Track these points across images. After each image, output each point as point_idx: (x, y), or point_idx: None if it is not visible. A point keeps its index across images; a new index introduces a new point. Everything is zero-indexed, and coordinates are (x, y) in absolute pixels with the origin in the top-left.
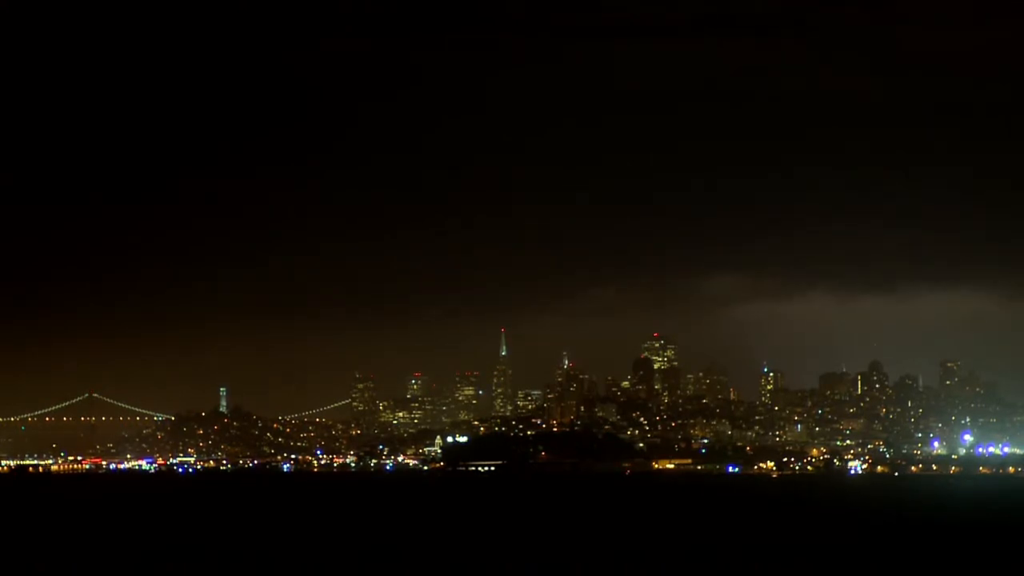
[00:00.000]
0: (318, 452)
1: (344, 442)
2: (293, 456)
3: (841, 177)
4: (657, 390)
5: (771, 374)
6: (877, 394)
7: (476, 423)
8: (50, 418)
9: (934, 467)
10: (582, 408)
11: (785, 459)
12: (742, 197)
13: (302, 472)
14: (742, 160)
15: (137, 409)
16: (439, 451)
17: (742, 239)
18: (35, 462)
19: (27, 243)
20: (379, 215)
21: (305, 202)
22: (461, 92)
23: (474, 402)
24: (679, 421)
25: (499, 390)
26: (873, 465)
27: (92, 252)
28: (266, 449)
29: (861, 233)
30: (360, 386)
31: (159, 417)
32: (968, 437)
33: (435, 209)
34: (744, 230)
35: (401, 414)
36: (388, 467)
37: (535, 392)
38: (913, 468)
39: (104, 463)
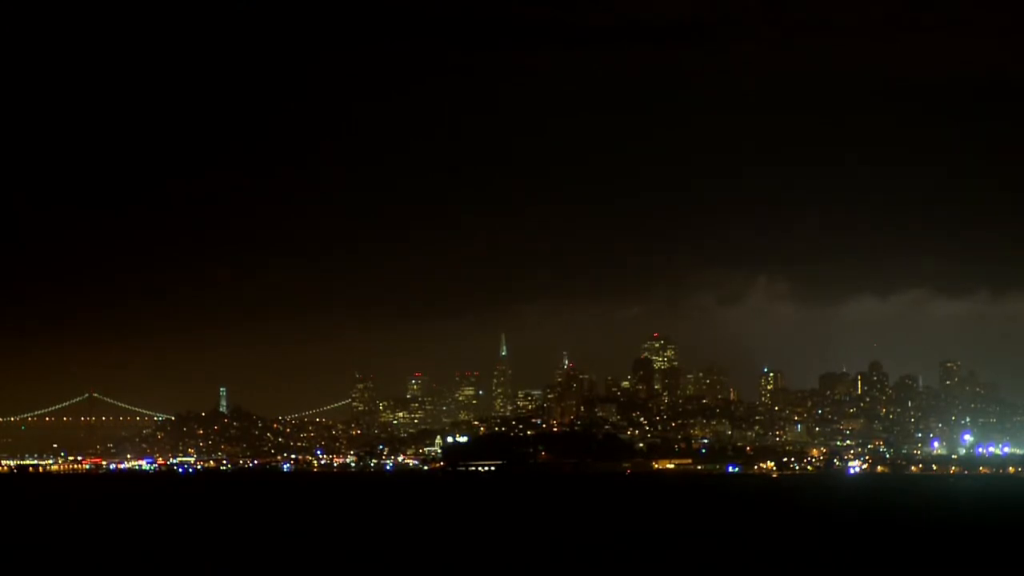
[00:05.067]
0: (318, 452)
1: (344, 442)
2: (293, 456)
3: (842, 178)
4: (657, 390)
5: (771, 374)
6: (877, 394)
7: (476, 423)
8: (50, 418)
9: (934, 467)
10: (582, 408)
11: (785, 459)
12: (741, 197)
13: (302, 472)
14: (741, 159)
15: (137, 409)
16: (439, 451)
17: (743, 239)
18: (35, 462)
19: (26, 244)
20: (379, 216)
21: (305, 203)
22: (456, 95)
23: (474, 402)
24: (679, 421)
25: (499, 390)
26: (873, 465)
27: (92, 253)
28: (266, 449)
29: (861, 233)
30: (360, 386)
31: (159, 417)
32: (968, 437)
33: (435, 210)
34: (744, 230)
35: (401, 414)
36: (388, 467)
37: (535, 392)
38: (913, 468)
39: (104, 463)
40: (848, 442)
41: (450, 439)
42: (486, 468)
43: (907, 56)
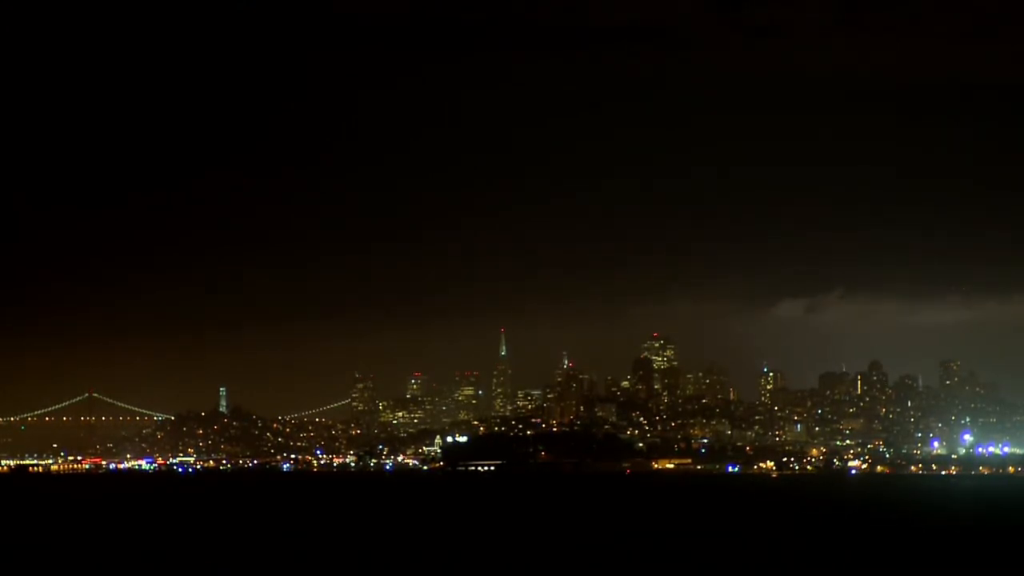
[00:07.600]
0: (318, 452)
1: (344, 442)
2: (293, 456)
3: (843, 178)
4: (657, 390)
5: (771, 374)
6: (877, 394)
7: (476, 423)
8: (50, 418)
9: (934, 467)
10: (582, 408)
11: (785, 459)
12: (744, 197)
13: (302, 472)
14: (747, 159)
15: (137, 409)
16: (439, 451)
17: (744, 239)
18: (35, 462)
19: (26, 244)
20: (379, 216)
21: (305, 203)
22: (456, 95)
23: (474, 402)
24: (679, 421)
25: (499, 390)
26: (873, 465)
27: (92, 253)
28: (266, 449)
29: (861, 234)
30: (360, 386)
31: (159, 417)
32: (968, 437)
33: (435, 210)
34: (746, 230)
35: (401, 414)
36: (388, 467)
37: (535, 392)
38: (913, 468)
39: (104, 463)
40: (848, 442)
41: (450, 439)
42: (486, 468)
43: (908, 57)
